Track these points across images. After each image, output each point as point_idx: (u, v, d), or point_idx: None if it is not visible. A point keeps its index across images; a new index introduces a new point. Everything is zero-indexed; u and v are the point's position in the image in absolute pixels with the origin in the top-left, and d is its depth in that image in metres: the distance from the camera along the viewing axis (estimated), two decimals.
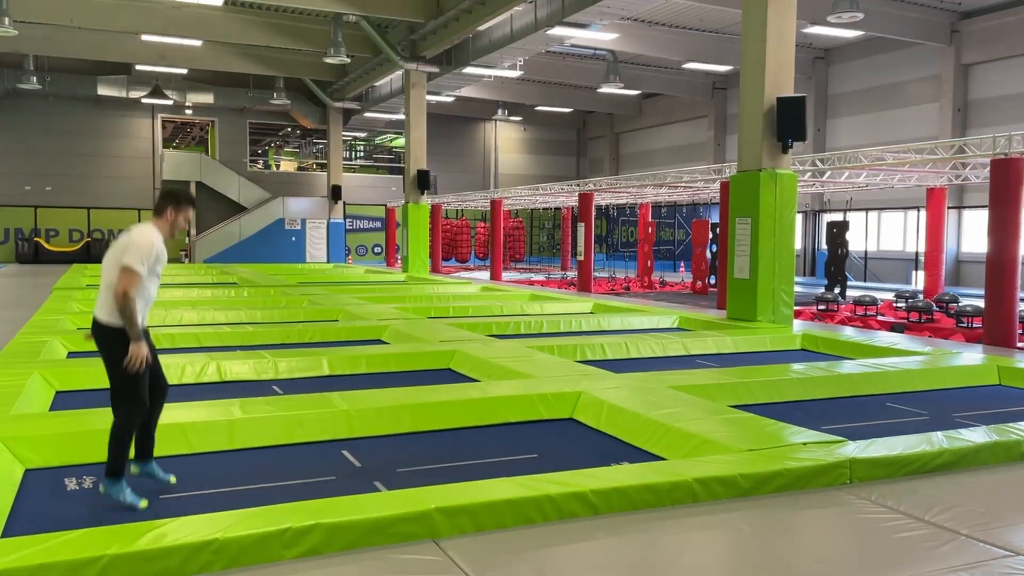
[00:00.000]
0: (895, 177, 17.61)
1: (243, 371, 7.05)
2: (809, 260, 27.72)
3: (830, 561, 3.19)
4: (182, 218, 3.82)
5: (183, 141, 38.59)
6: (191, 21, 20.87)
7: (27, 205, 30.01)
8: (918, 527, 3.49)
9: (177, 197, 3.82)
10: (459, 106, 32.20)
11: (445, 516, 3.35)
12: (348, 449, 4.91)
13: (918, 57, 23.46)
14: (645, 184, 20.91)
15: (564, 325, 10.75)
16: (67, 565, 2.81)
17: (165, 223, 3.75)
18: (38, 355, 7.33)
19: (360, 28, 21.91)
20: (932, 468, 4.30)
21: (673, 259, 32.13)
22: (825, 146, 26.09)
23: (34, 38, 22.68)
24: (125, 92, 28.76)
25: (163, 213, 3.76)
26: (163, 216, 3.75)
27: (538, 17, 17.89)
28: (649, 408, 5.29)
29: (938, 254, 17.38)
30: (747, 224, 10.34)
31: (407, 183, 21.97)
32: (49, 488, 4.14)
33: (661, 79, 29.48)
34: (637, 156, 36.33)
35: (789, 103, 10.10)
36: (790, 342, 9.45)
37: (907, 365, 7.34)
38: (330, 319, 11.20)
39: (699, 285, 20.94)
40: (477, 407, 5.58)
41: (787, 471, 4.01)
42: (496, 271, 23.70)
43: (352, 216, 34.68)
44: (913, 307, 13.83)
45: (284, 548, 3.10)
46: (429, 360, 7.78)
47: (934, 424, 5.52)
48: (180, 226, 3.84)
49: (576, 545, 3.33)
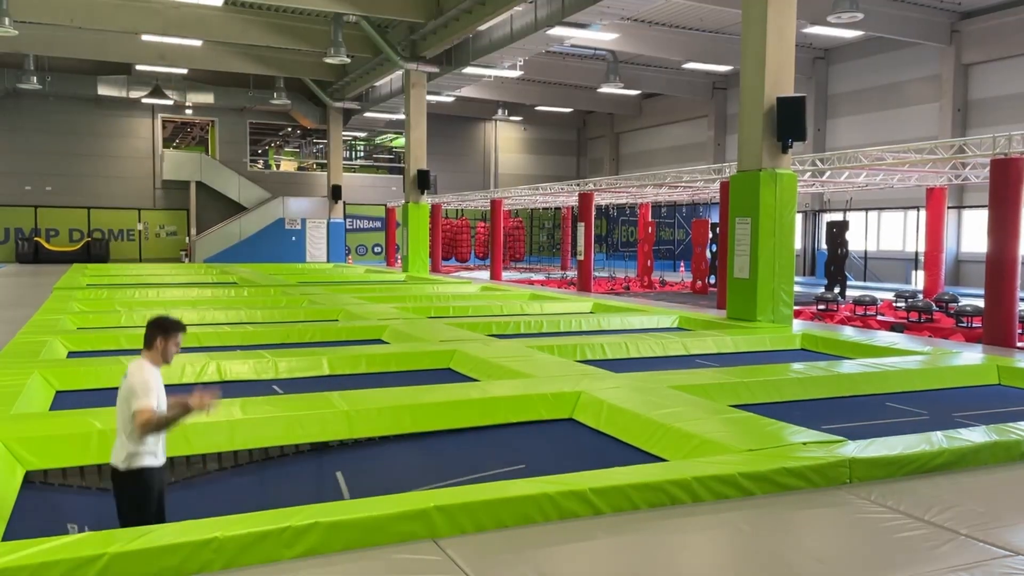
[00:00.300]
0: (895, 177, 17.62)
1: (243, 371, 7.05)
2: (809, 260, 27.72)
3: (830, 561, 3.19)
4: (172, 344, 3.72)
5: (183, 141, 38.58)
6: (191, 21, 20.87)
7: (27, 205, 30.00)
8: (918, 527, 3.49)
9: (164, 326, 3.72)
10: (459, 106, 32.20)
11: (445, 515, 3.35)
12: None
13: (918, 57, 23.46)
14: (645, 184, 20.92)
15: (564, 325, 10.75)
16: (67, 564, 2.81)
17: (156, 354, 3.67)
18: (38, 355, 7.33)
19: (360, 28, 21.91)
20: (932, 468, 4.31)
21: (673, 259, 32.13)
22: (825, 146, 26.09)
23: (35, 38, 22.68)
24: (125, 92, 28.77)
25: (152, 344, 3.67)
26: (153, 347, 3.67)
27: (538, 17, 17.89)
28: (649, 408, 5.29)
29: (938, 254, 17.38)
30: (747, 224, 10.34)
31: (407, 183, 21.97)
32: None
33: (661, 79, 29.48)
34: (637, 156, 36.33)
35: (789, 103, 10.10)
36: (790, 342, 9.45)
37: (907, 365, 7.34)
38: (330, 319, 11.20)
39: (699, 285, 20.95)
40: (477, 407, 5.58)
41: (787, 471, 4.01)
42: (496, 271, 23.70)
43: (352, 216, 34.67)
44: (913, 307, 13.83)
45: (284, 547, 3.10)
46: (429, 360, 7.78)
47: (934, 424, 5.52)
48: (172, 352, 3.74)
49: (576, 544, 3.33)
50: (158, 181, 31.59)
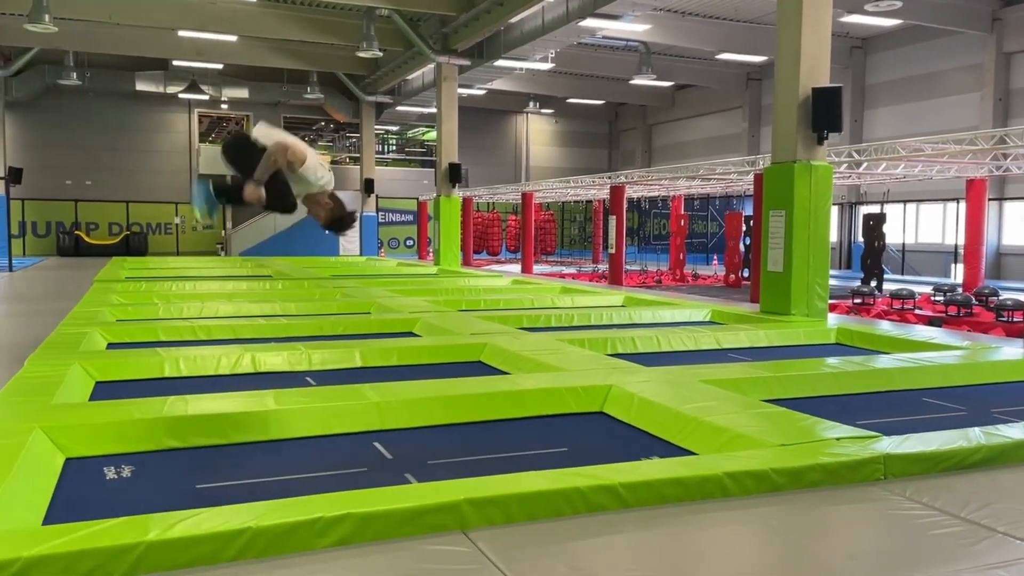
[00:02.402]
0: (934, 168, 17.30)
1: (277, 362, 7.13)
2: (845, 253, 27.34)
3: (863, 557, 3.16)
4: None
5: (219, 135, 39.05)
6: (227, 17, 21.13)
7: (68, 199, 30.60)
8: (954, 524, 3.44)
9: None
10: (490, 99, 32.22)
11: (474, 507, 3.37)
12: (379, 440, 4.95)
13: (958, 46, 22.97)
14: (678, 176, 20.77)
15: (595, 318, 10.72)
16: (106, 551, 2.87)
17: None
18: (78, 346, 7.47)
19: (392, 22, 22.00)
20: (969, 464, 4.23)
21: (706, 252, 31.89)
22: (862, 137, 25.67)
23: (74, 35, 23.11)
24: (162, 87, 29.20)
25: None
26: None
27: (570, 8, 17.82)
28: (680, 402, 5.26)
29: (978, 247, 17.05)
30: (781, 216, 10.22)
31: (439, 176, 22.04)
32: (88, 476, 4.23)
33: (694, 70, 29.22)
34: (670, 148, 36.06)
35: (825, 94, 9.95)
36: (825, 336, 9.33)
37: (945, 360, 7.21)
38: (362, 311, 11.28)
39: (732, 278, 20.76)
40: (507, 400, 5.59)
41: (820, 466, 3.96)
42: (527, 264, 23.70)
43: (384, 209, 34.87)
44: (952, 301, 13.59)
45: (316, 537, 3.14)
46: (460, 352, 7.80)
47: (972, 420, 5.42)
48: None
49: (605, 538, 3.32)
50: (194, 175, 32.04)
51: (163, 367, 6.80)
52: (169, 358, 6.92)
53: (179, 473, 4.29)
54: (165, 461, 4.50)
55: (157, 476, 4.25)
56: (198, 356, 7.05)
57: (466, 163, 29.10)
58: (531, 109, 34.93)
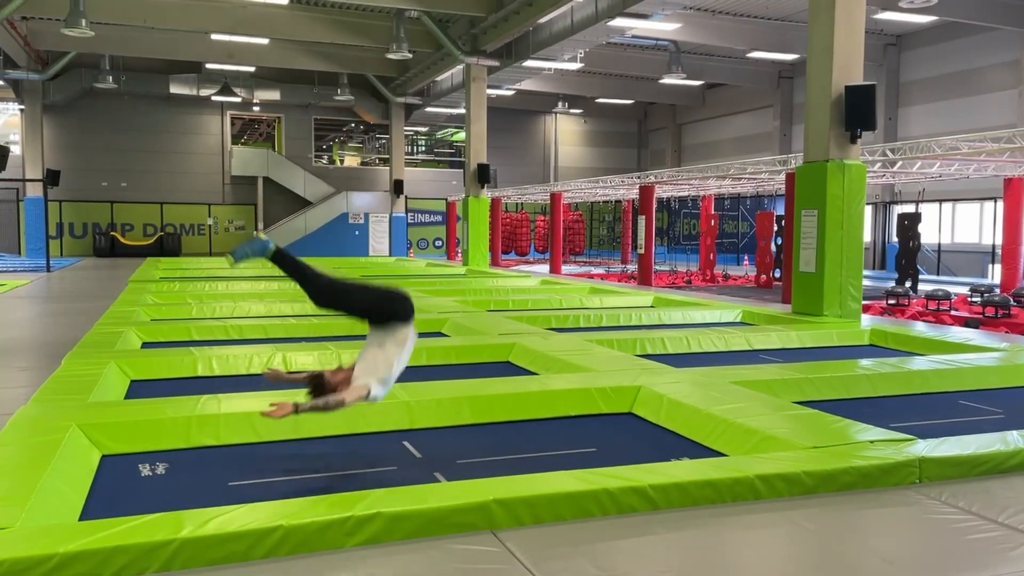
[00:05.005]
0: (970, 167, 16.98)
1: (308, 362, 7.18)
2: (879, 253, 26.94)
3: (898, 561, 3.11)
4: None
5: (251, 137, 39.51)
6: (258, 20, 21.37)
7: (104, 200, 31.12)
8: (991, 528, 3.37)
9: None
10: (519, 99, 32.21)
11: (503, 507, 3.37)
12: (409, 440, 4.97)
13: (996, 42, 22.53)
14: (708, 176, 20.61)
15: (624, 319, 10.68)
16: (140, 548, 2.92)
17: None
18: (114, 345, 7.60)
19: (421, 23, 22.10)
20: (1007, 468, 4.15)
21: (736, 252, 31.61)
22: (897, 135, 25.29)
23: (110, 39, 23.53)
24: (196, 90, 29.60)
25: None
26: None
27: (599, 8, 17.77)
28: (710, 403, 5.22)
29: (1016, 246, 16.72)
30: (813, 216, 10.11)
31: (468, 177, 22.10)
32: (124, 473, 4.30)
33: (725, 69, 28.96)
34: (700, 147, 35.79)
35: (858, 91, 9.82)
36: (858, 337, 9.20)
37: (982, 362, 7.08)
38: None
39: (763, 279, 20.56)
40: (536, 400, 5.59)
41: (853, 469, 3.91)
42: (556, 264, 23.67)
43: (414, 210, 35.03)
44: (989, 302, 13.34)
45: (346, 536, 3.17)
46: (489, 353, 7.82)
47: (1010, 423, 5.32)
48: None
49: (634, 539, 3.31)
50: (227, 177, 32.44)
51: (196, 366, 6.90)
52: (202, 357, 7.01)
53: (212, 470, 4.35)
54: (198, 458, 4.56)
55: (191, 473, 4.32)
56: (230, 355, 7.13)
57: (495, 163, 29.11)
58: (560, 109, 34.85)
